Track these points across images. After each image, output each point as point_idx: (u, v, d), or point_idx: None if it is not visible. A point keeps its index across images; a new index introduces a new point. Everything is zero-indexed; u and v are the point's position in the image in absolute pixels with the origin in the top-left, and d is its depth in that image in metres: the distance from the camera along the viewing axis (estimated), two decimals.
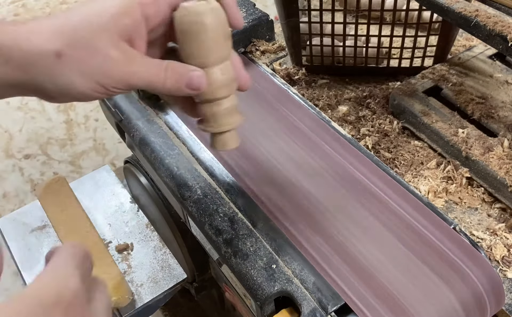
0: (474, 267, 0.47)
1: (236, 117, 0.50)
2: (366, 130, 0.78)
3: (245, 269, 0.49)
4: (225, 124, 0.50)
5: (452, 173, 0.70)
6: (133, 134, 0.65)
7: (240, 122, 0.50)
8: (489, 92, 0.77)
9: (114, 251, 0.73)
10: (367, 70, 0.90)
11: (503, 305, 0.50)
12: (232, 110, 0.50)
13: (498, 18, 0.60)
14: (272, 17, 0.87)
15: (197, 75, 0.46)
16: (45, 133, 1.60)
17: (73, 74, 0.43)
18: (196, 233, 0.58)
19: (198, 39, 0.46)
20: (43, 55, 0.43)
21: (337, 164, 0.56)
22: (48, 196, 0.77)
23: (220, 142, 0.50)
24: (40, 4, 2.16)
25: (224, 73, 0.48)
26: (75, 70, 0.43)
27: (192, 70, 0.46)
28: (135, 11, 0.45)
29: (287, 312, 0.48)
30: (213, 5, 0.47)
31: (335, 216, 0.52)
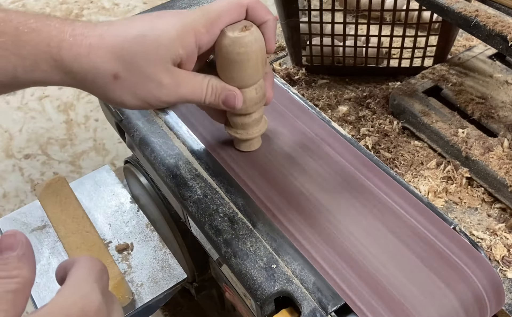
0: (474, 267, 0.47)
1: (263, 125, 0.57)
2: (366, 130, 0.79)
3: (245, 269, 0.49)
4: (253, 133, 0.56)
5: (452, 173, 0.70)
6: (133, 134, 0.65)
7: (265, 129, 0.57)
8: (489, 92, 0.77)
9: (114, 251, 0.73)
10: (367, 70, 0.90)
11: (503, 305, 0.50)
12: (260, 120, 0.56)
13: (498, 18, 0.60)
14: None
15: (235, 95, 0.51)
16: (45, 133, 1.60)
17: (125, 94, 0.47)
18: (196, 233, 0.58)
19: (240, 68, 0.51)
20: (100, 74, 0.45)
21: (337, 164, 0.56)
22: (48, 196, 0.77)
23: (246, 146, 0.58)
24: (40, 4, 2.16)
25: (258, 92, 0.53)
26: (128, 91, 0.47)
27: (230, 90, 0.51)
28: (190, 40, 0.48)
29: (287, 312, 0.48)
30: (256, 35, 0.50)
31: (335, 216, 0.52)
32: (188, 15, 0.49)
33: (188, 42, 0.48)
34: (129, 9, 2.11)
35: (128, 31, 0.46)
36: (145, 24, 0.47)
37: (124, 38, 0.46)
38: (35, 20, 0.44)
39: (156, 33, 0.47)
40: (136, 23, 0.47)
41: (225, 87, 0.51)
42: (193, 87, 0.49)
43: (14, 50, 0.42)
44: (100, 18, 2.06)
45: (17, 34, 0.42)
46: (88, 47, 0.45)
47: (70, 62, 0.44)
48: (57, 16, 0.46)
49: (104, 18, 2.06)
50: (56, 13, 2.10)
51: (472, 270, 0.47)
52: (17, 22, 0.43)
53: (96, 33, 0.46)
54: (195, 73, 0.50)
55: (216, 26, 0.49)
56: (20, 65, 0.43)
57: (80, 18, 2.06)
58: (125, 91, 0.47)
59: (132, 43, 0.46)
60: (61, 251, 0.71)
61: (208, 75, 0.51)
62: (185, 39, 0.47)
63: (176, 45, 0.47)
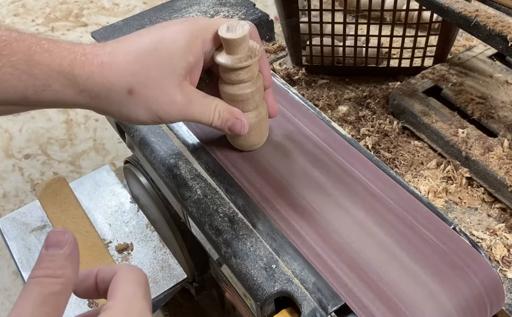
0: (474, 267, 0.47)
1: (263, 137, 0.58)
2: (366, 130, 0.79)
3: (245, 269, 0.49)
4: (254, 145, 0.58)
5: (452, 173, 0.70)
6: (133, 134, 0.65)
7: (265, 138, 0.58)
8: (489, 92, 0.77)
9: (114, 251, 0.73)
10: (367, 70, 0.90)
11: (503, 305, 0.50)
12: (260, 133, 0.57)
13: (498, 18, 0.60)
14: (272, 17, 0.87)
15: (242, 124, 0.53)
16: (45, 133, 1.60)
17: (139, 109, 0.47)
18: (196, 233, 0.58)
19: (241, 102, 0.53)
20: (115, 90, 0.46)
21: (336, 165, 0.56)
22: (48, 196, 0.77)
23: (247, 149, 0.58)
24: (40, 4, 2.16)
25: (257, 116, 0.55)
26: (142, 106, 0.47)
27: (236, 118, 0.52)
28: (199, 47, 0.49)
29: (287, 312, 0.48)
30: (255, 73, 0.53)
31: (334, 216, 0.52)
32: (195, 22, 0.49)
33: (196, 49, 0.49)
34: (129, 9, 2.11)
35: (139, 46, 0.47)
36: (154, 37, 0.47)
37: (136, 53, 0.46)
38: (47, 42, 0.44)
39: (166, 45, 0.47)
40: (144, 37, 0.48)
41: (231, 113, 0.52)
42: (202, 109, 0.50)
43: (26, 69, 0.42)
44: (100, 18, 2.06)
45: (30, 54, 0.42)
46: (101, 64, 0.45)
47: (83, 80, 0.44)
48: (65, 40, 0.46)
49: (104, 18, 2.06)
50: (56, 13, 2.10)
51: (472, 270, 0.47)
52: (30, 42, 0.43)
53: (106, 51, 0.46)
54: (204, 95, 0.51)
55: None
56: (31, 84, 0.43)
57: (80, 18, 2.06)
58: (139, 106, 0.47)
59: (145, 57, 0.46)
60: None
61: (216, 99, 0.52)
62: (194, 46, 0.48)
63: (187, 53, 0.48)
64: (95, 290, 0.39)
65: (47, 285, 0.32)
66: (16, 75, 0.42)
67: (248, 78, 0.52)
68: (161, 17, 0.82)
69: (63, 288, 0.33)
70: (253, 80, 0.53)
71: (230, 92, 0.53)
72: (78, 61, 0.44)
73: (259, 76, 0.54)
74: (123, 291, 0.36)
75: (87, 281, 0.39)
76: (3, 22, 2.07)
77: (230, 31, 0.50)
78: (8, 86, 0.42)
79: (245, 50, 0.51)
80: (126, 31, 0.79)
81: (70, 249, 0.34)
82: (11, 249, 0.74)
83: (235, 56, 0.50)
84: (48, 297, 0.32)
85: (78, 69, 0.44)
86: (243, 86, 0.52)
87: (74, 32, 2.00)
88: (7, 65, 0.41)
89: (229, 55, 0.50)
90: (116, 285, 0.36)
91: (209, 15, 0.82)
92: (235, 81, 0.52)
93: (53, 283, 0.32)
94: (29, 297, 0.31)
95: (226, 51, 0.51)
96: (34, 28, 2.03)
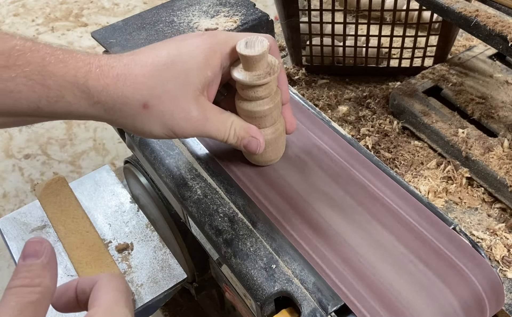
0: (474, 267, 0.47)
1: (279, 153, 0.56)
2: (366, 130, 0.79)
3: (245, 269, 0.49)
4: (269, 161, 0.56)
5: (452, 173, 0.70)
6: (133, 134, 0.65)
7: (281, 154, 0.57)
8: (489, 92, 0.77)
9: (114, 251, 0.73)
10: (367, 70, 0.90)
11: (503, 305, 0.50)
12: (277, 150, 0.55)
13: (498, 18, 0.60)
14: (272, 17, 0.87)
15: (256, 143, 0.51)
16: (45, 133, 1.60)
17: (154, 124, 0.46)
18: (196, 233, 0.58)
19: (258, 119, 0.52)
20: (130, 104, 0.45)
21: (336, 164, 0.56)
22: (48, 196, 0.77)
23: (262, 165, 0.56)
24: (40, 4, 2.16)
25: (274, 132, 0.53)
26: (157, 121, 0.46)
27: (252, 136, 0.51)
28: (217, 62, 0.48)
29: (287, 312, 0.48)
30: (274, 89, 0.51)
31: (334, 217, 0.52)
32: (214, 36, 0.48)
33: (215, 63, 0.47)
34: (129, 9, 2.11)
35: (156, 59, 0.46)
36: (172, 50, 0.46)
37: (153, 66, 0.45)
38: (62, 52, 0.43)
39: (184, 59, 0.46)
40: (162, 50, 0.46)
41: (248, 131, 0.51)
42: (218, 125, 0.49)
43: (39, 80, 0.41)
44: (100, 18, 2.06)
45: (44, 64, 0.41)
46: (116, 77, 0.44)
47: (97, 93, 0.43)
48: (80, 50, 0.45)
49: (104, 18, 2.06)
50: (56, 13, 2.10)
51: (472, 270, 0.47)
52: (44, 52, 0.42)
53: (122, 63, 0.45)
54: (221, 111, 0.50)
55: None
56: (45, 95, 0.42)
57: (80, 18, 2.06)
58: (153, 121, 0.46)
59: (162, 71, 0.45)
60: (61, 251, 0.72)
61: (232, 115, 0.51)
62: (212, 60, 0.47)
63: (205, 67, 0.47)
64: (76, 303, 0.38)
65: (25, 295, 0.32)
66: (30, 86, 0.41)
67: (266, 94, 0.50)
68: (161, 17, 0.82)
69: (41, 297, 0.32)
70: (271, 96, 0.51)
71: (247, 109, 0.51)
72: (93, 73, 0.43)
73: (277, 91, 0.52)
74: (105, 299, 0.35)
75: (66, 294, 0.38)
76: (3, 22, 2.08)
77: (248, 47, 0.48)
78: (21, 97, 0.41)
79: (263, 67, 0.49)
80: (126, 31, 0.79)
81: (48, 258, 0.33)
82: (11, 249, 0.74)
83: (253, 72, 0.49)
84: (26, 306, 0.31)
85: (92, 81, 0.43)
86: (261, 103, 0.50)
87: (74, 32, 2.00)
88: (21, 75, 0.40)
89: (247, 72, 0.49)
90: (97, 294, 0.36)
91: (209, 15, 0.82)
92: (252, 97, 0.50)
93: (30, 292, 0.32)
94: (7, 307, 0.31)
95: (244, 67, 0.49)
96: (34, 28, 2.03)
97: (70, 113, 0.44)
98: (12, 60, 0.40)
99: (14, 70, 0.40)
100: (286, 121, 0.55)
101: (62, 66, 0.42)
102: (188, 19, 0.82)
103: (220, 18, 0.82)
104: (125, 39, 0.78)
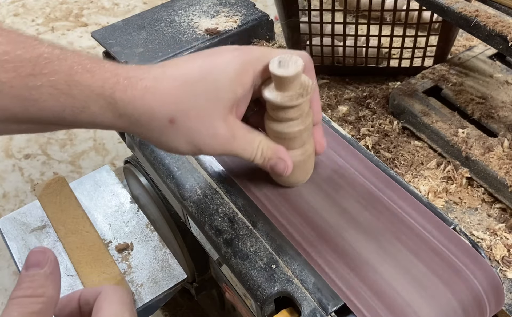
0: (474, 268, 0.47)
1: (307, 175, 0.54)
2: (366, 130, 0.79)
3: (245, 269, 0.49)
4: (296, 183, 0.54)
5: (452, 173, 0.70)
6: (133, 135, 0.65)
7: (309, 177, 0.55)
8: (489, 92, 0.77)
9: (114, 251, 0.73)
10: (367, 70, 0.90)
11: (503, 305, 0.50)
12: (305, 172, 0.54)
13: (498, 18, 0.60)
14: (272, 17, 0.87)
15: (284, 166, 0.50)
16: (45, 133, 1.60)
17: (180, 140, 0.45)
18: (196, 233, 0.58)
19: (288, 140, 0.50)
20: (156, 118, 0.43)
21: (336, 164, 0.56)
22: (48, 196, 0.77)
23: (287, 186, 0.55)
24: (40, 4, 2.16)
25: (303, 154, 0.51)
26: (183, 137, 0.45)
27: (280, 158, 0.49)
28: (248, 80, 0.46)
29: (287, 312, 0.48)
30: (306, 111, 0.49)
31: (333, 217, 0.52)
32: (247, 52, 0.47)
33: (246, 81, 0.46)
34: (129, 9, 2.11)
35: (186, 73, 0.45)
36: (203, 65, 0.45)
37: (183, 80, 0.44)
38: (90, 61, 0.42)
39: (215, 76, 0.45)
40: (193, 64, 0.45)
41: (275, 152, 0.49)
42: (245, 145, 0.48)
43: (65, 89, 0.40)
44: (100, 18, 2.06)
45: (71, 74, 0.40)
46: (144, 89, 0.43)
47: (124, 105, 0.42)
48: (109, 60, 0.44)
49: (104, 18, 2.06)
50: (56, 13, 2.10)
51: (472, 270, 0.47)
52: (72, 61, 0.41)
53: (151, 75, 0.43)
54: (249, 129, 0.49)
55: None
56: (69, 105, 0.41)
57: (80, 18, 2.06)
58: (179, 137, 0.45)
59: (191, 86, 0.44)
60: (61, 251, 0.72)
61: (260, 135, 0.50)
62: (244, 78, 0.46)
63: (236, 85, 0.45)
64: (79, 314, 0.38)
65: (27, 305, 0.32)
66: (55, 95, 0.40)
67: (297, 116, 0.48)
68: (161, 17, 0.82)
69: (44, 307, 0.32)
70: (302, 118, 0.49)
71: (277, 130, 0.49)
72: (121, 85, 0.42)
73: (309, 113, 0.50)
74: (109, 310, 0.35)
75: (70, 305, 0.38)
76: (3, 22, 2.07)
77: (282, 67, 0.46)
78: (46, 106, 0.40)
79: (296, 88, 0.47)
80: (126, 31, 0.79)
81: (51, 268, 0.33)
82: (11, 249, 0.74)
83: (286, 93, 0.47)
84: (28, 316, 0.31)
85: (119, 92, 0.42)
86: (291, 124, 0.49)
87: (74, 32, 2.00)
88: (47, 84, 0.39)
89: (279, 92, 0.47)
90: (101, 305, 0.36)
91: (210, 15, 0.82)
92: (283, 118, 0.48)
93: (33, 303, 0.32)
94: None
95: (276, 87, 0.47)
96: (34, 28, 2.03)
97: (95, 123, 0.43)
98: (39, 68, 0.39)
99: (40, 78, 0.39)
100: (316, 142, 0.53)
101: (89, 77, 0.41)
102: (188, 19, 0.82)
103: (220, 18, 0.82)
104: (125, 39, 0.78)
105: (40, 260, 0.33)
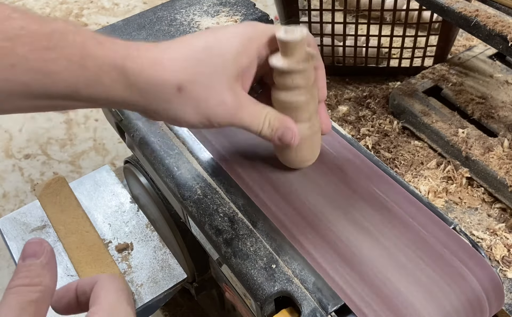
0: (474, 267, 0.47)
1: (315, 153, 0.55)
2: (366, 130, 0.79)
3: (245, 269, 0.49)
4: (305, 162, 0.55)
5: (452, 173, 0.70)
6: (133, 134, 0.65)
7: (317, 156, 0.55)
8: (489, 92, 0.77)
9: (114, 251, 0.73)
10: (367, 70, 0.90)
11: (503, 305, 0.50)
12: (312, 149, 0.54)
13: (498, 18, 0.60)
14: (272, 17, 0.87)
15: (291, 134, 0.50)
16: (45, 133, 1.60)
17: (187, 108, 0.46)
18: (196, 233, 0.58)
19: (295, 110, 0.50)
20: (165, 86, 0.45)
21: (335, 164, 0.56)
22: (48, 196, 0.77)
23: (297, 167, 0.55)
24: (40, 4, 2.16)
25: (310, 127, 0.52)
26: (190, 105, 0.46)
27: (287, 127, 0.50)
28: (253, 51, 0.48)
29: (287, 312, 0.48)
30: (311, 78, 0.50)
31: (333, 216, 0.52)
32: (251, 26, 0.48)
33: (251, 51, 0.47)
34: (129, 9, 2.11)
35: (193, 43, 0.46)
36: (209, 37, 0.47)
37: (189, 49, 0.45)
38: (102, 36, 0.43)
39: (220, 45, 0.46)
40: (199, 37, 0.47)
41: (282, 123, 0.50)
42: (252, 115, 0.48)
43: (79, 61, 0.41)
44: (100, 18, 2.06)
45: (84, 47, 0.42)
46: (153, 59, 0.44)
47: (134, 75, 0.43)
48: None
49: (104, 18, 2.06)
50: (56, 13, 2.10)
51: (472, 270, 0.47)
52: (85, 35, 0.42)
53: (160, 48, 0.45)
54: (255, 101, 0.49)
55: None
56: (83, 77, 0.42)
57: (80, 18, 2.06)
58: (188, 105, 0.45)
59: (197, 54, 0.45)
60: (61, 251, 0.72)
61: (267, 107, 0.50)
62: (249, 49, 0.47)
63: (241, 54, 0.47)
64: (76, 304, 0.39)
65: (25, 294, 0.32)
66: (69, 68, 0.41)
67: (303, 84, 0.49)
68: (161, 17, 0.82)
69: (42, 295, 0.33)
70: (309, 87, 0.50)
71: (284, 99, 0.50)
72: (131, 56, 0.43)
73: (315, 86, 0.51)
74: (107, 298, 0.36)
75: (67, 296, 0.39)
76: None
77: (288, 33, 0.47)
78: (59, 79, 0.41)
79: (302, 54, 0.48)
80: (126, 31, 0.79)
81: (47, 259, 0.34)
82: (11, 249, 0.74)
83: (292, 58, 0.48)
84: (27, 305, 0.32)
85: (130, 62, 0.43)
86: (298, 93, 0.49)
87: None
88: (62, 57, 0.40)
89: (285, 58, 0.48)
90: (98, 294, 0.36)
91: (210, 15, 0.82)
92: (290, 86, 0.49)
93: (31, 292, 0.32)
94: (8, 306, 0.31)
95: (282, 54, 0.48)
96: None
97: (107, 98, 0.44)
98: (54, 41, 0.40)
99: (55, 51, 0.40)
100: (322, 121, 0.54)
101: (101, 48, 0.42)
102: (188, 19, 0.82)
103: (221, 18, 0.82)
104: (125, 39, 0.78)
105: (36, 250, 0.34)
